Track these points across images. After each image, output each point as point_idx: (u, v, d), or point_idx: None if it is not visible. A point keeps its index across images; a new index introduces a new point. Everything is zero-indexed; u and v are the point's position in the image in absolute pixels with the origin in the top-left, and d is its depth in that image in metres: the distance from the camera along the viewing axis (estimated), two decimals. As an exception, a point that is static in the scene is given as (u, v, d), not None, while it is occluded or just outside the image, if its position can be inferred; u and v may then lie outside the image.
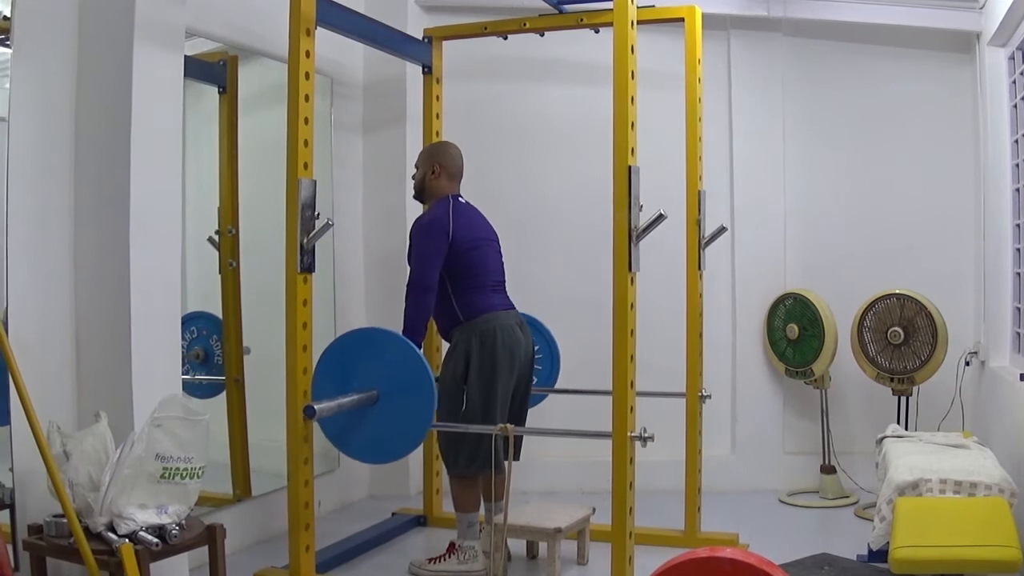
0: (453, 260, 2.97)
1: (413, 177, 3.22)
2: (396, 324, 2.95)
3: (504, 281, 3.16)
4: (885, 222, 4.20)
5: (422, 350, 2.77)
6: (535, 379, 3.30)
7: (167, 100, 2.57)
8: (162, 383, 2.52)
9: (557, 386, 3.64)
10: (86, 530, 2.22)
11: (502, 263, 3.18)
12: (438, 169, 3.12)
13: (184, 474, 2.29)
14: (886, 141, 4.21)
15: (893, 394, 3.87)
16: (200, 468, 2.34)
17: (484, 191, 3.44)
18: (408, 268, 3.03)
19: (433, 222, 2.99)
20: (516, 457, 3.07)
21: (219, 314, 3.37)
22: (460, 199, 3.11)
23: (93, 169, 2.56)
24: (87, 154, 2.56)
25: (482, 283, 3.03)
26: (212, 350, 3.39)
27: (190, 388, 3.32)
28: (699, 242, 3.35)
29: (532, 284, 3.91)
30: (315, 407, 2.56)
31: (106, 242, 2.52)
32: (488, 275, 3.06)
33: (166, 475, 2.25)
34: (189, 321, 3.31)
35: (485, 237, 3.10)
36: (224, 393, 3.36)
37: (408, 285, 2.95)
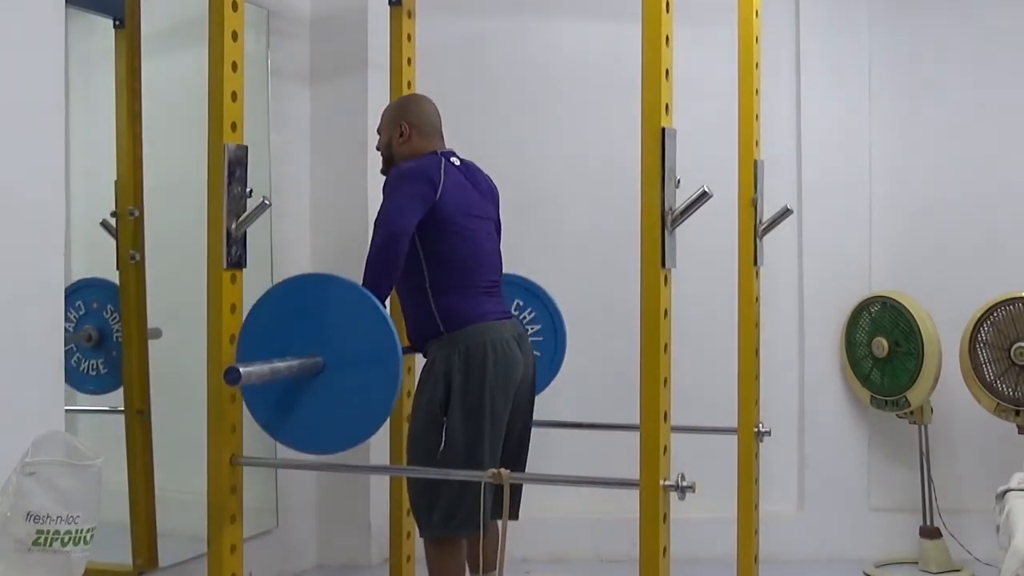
0: (436, 237, 2.96)
1: (377, 147, 3.21)
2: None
3: (501, 281, 3.17)
4: (1006, 203, 4.23)
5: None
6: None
7: (42, 35, 2.54)
8: (38, 415, 2.49)
9: (564, 418, 3.65)
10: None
11: (499, 254, 3.19)
12: (406, 130, 3.11)
13: (67, 539, 2.26)
14: (1009, 97, 4.23)
15: (1019, 432, 3.86)
16: (89, 531, 2.31)
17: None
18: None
19: (419, 166, 2.99)
20: (514, 515, 3.05)
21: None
22: (453, 159, 3.10)
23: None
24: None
25: (472, 281, 3.03)
26: (108, 328, 3.38)
27: (77, 378, 3.33)
28: (755, 229, 3.34)
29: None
30: (240, 369, 2.54)
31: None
32: (482, 271, 3.05)
33: (41, 541, 2.21)
34: (74, 293, 3.29)
35: (483, 216, 3.09)
36: (123, 437, 3.33)
37: (375, 226, 2.94)
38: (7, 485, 2.25)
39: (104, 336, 3.39)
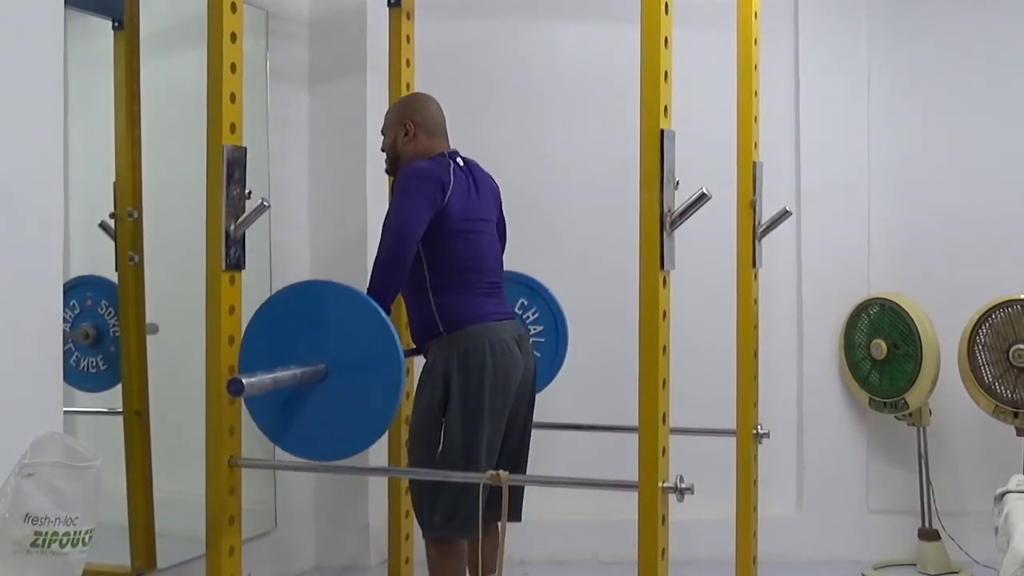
0: (438, 239, 2.96)
1: (382, 148, 3.21)
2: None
3: (502, 282, 3.16)
4: (1005, 205, 4.22)
5: (390, 315, 2.76)
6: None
7: (40, 36, 2.54)
8: (36, 416, 2.49)
9: (563, 420, 3.65)
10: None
11: (501, 256, 3.19)
12: (411, 128, 3.11)
13: (65, 540, 2.25)
14: (1008, 99, 4.23)
15: (1018, 434, 3.86)
16: (87, 532, 2.30)
17: (470, 163, 3.43)
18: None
19: (432, 167, 2.99)
20: (516, 516, 3.06)
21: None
22: (458, 159, 3.10)
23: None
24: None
25: (472, 282, 3.03)
26: (105, 325, 3.38)
27: (76, 377, 3.33)
28: (754, 231, 3.35)
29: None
30: (243, 380, 2.54)
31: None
32: (482, 272, 3.06)
33: (39, 542, 2.20)
34: (69, 292, 3.28)
35: (484, 219, 3.10)
36: (121, 439, 3.33)
37: (383, 229, 2.93)
38: (5, 486, 2.24)
39: (101, 333, 3.39)
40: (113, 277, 3.34)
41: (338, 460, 2.79)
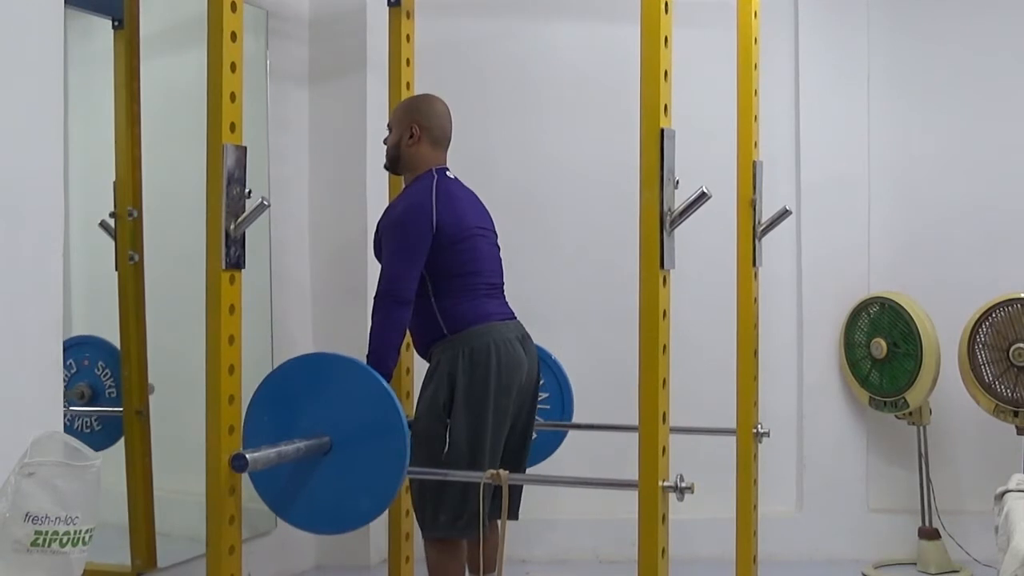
0: (437, 255, 2.98)
1: (385, 141, 3.22)
2: (351, 338, 2.95)
3: (502, 283, 3.17)
4: (1005, 204, 4.23)
5: (391, 381, 2.77)
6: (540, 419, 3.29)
7: (40, 36, 2.54)
8: (36, 416, 2.49)
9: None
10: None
11: (500, 260, 3.19)
12: (417, 132, 3.11)
13: (65, 540, 2.25)
14: (1008, 98, 4.24)
15: (1018, 433, 3.86)
16: (87, 531, 2.30)
17: (469, 164, 3.44)
18: (377, 264, 3.03)
19: (412, 210, 2.99)
20: (513, 515, 3.05)
21: (108, 336, 3.36)
22: (447, 174, 3.11)
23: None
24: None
25: (473, 284, 3.03)
26: (101, 385, 3.38)
27: (71, 434, 3.31)
28: (754, 230, 3.35)
29: (532, 287, 3.90)
30: (247, 456, 2.54)
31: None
32: (481, 275, 3.06)
33: (40, 542, 2.20)
34: (68, 350, 3.28)
35: (479, 226, 3.10)
36: (122, 440, 3.33)
37: (377, 296, 2.95)
38: (6, 486, 2.24)
39: (97, 394, 3.39)
40: (113, 276, 3.33)
41: (346, 532, 2.78)
